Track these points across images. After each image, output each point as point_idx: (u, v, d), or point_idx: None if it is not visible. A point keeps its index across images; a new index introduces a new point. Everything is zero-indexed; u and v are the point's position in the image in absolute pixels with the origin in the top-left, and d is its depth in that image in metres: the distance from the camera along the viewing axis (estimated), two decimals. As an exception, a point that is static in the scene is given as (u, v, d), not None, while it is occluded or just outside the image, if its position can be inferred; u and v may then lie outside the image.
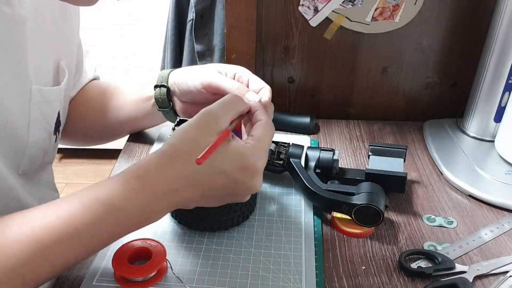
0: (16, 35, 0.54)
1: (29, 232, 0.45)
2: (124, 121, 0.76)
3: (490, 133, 0.82)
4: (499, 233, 0.63)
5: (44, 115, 0.61)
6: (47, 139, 0.63)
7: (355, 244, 0.61)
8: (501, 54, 0.76)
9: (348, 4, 0.83)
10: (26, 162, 0.60)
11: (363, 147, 0.83)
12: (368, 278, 0.56)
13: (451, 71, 0.90)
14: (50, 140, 0.64)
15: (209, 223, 0.60)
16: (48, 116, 0.62)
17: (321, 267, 0.57)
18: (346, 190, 0.63)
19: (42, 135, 0.62)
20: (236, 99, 0.55)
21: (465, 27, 0.86)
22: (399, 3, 0.83)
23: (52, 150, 0.66)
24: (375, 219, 0.60)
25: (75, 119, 0.75)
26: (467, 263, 0.58)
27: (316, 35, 0.87)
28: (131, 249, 0.55)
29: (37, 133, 0.60)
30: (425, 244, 0.61)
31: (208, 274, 0.55)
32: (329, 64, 0.90)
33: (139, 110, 0.75)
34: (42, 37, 0.59)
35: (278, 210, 0.66)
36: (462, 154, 0.78)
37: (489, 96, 0.79)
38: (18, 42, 0.54)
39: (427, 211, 0.67)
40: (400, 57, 0.89)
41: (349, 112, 0.95)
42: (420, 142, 0.85)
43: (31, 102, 0.58)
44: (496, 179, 0.72)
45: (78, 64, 0.74)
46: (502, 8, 0.73)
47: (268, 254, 0.58)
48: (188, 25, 1.16)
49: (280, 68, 0.91)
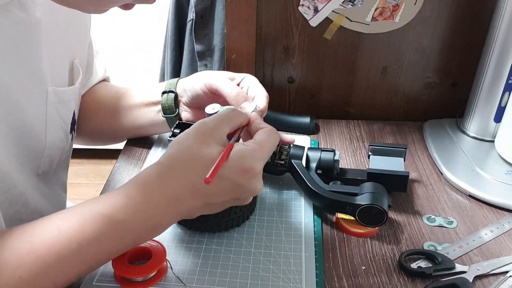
0: (31, 38, 0.54)
1: (29, 247, 0.45)
2: (128, 127, 0.77)
3: (490, 133, 0.82)
4: (499, 233, 0.63)
5: (60, 115, 0.62)
6: (64, 139, 0.64)
7: (355, 244, 0.61)
8: (501, 54, 0.76)
9: (348, 4, 0.83)
10: (46, 162, 0.61)
11: (363, 147, 0.83)
12: (368, 278, 0.56)
13: (451, 71, 0.90)
14: (67, 139, 0.65)
15: (210, 224, 0.60)
16: (65, 116, 0.63)
17: (321, 267, 0.57)
18: (349, 190, 0.63)
19: (59, 135, 0.62)
20: (232, 113, 0.55)
21: (465, 27, 0.86)
22: (399, 3, 0.83)
23: (68, 149, 0.67)
24: (379, 219, 0.60)
25: (83, 118, 0.75)
26: (467, 263, 0.58)
27: (316, 35, 0.87)
28: (131, 249, 0.55)
29: (54, 133, 0.61)
30: (425, 244, 0.61)
31: (208, 274, 0.55)
32: (329, 64, 0.90)
33: (144, 117, 0.75)
34: (57, 38, 0.59)
35: (278, 210, 0.66)
36: (462, 154, 0.78)
37: (489, 96, 0.79)
38: (33, 45, 0.55)
39: (427, 211, 0.67)
40: (400, 57, 0.89)
41: (349, 112, 0.95)
42: (420, 142, 0.85)
43: (48, 103, 0.58)
44: (496, 179, 0.72)
45: (88, 63, 0.75)
46: (502, 8, 0.73)
47: (268, 254, 0.58)
48: (188, 25, 1.16)
49: (280, 68, 0.91)
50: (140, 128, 0.77)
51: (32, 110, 0.56)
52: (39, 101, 0.57)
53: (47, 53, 0.57)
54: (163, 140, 0.81)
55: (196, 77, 0.70)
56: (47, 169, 0.62)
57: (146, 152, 0.79)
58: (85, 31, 0.70)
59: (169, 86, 0.73)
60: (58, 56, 0.61)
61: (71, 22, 0.64)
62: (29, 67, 0.55)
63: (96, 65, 0.79)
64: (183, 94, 0.72)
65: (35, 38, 0.55)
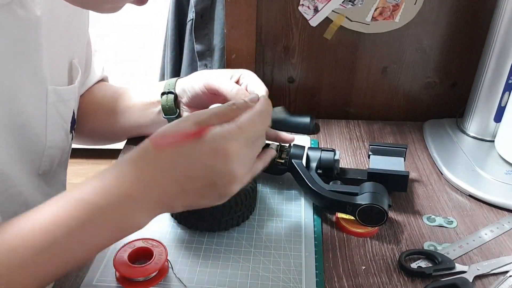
0: (31, 37, 0.54)
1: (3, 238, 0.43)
2: (128, 127, 0.76)
3: (490, 133, 0.82)
4: (499, 233, 0.63)
5: (60, 115, 0.61)
6: (65, 138, 0.64)
7: (355, 244, 0.61)
8: (501, 54, 0.76)
9: (348, 4, 0.83)
10: (46, 162, 0.61)
11: (363, 147, 0.83)
12: (368, 278, 0.56)
13: (451, 71, 0.90)
14: (67, 138, 0.65)
15: (209, 223, 0.60)
16: (65, 115, 0.63)
17: (321, 267, 0.57)
18: (349, 190, 0.63)
19: (59, 135, 0.62)
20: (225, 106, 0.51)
21: (465, 27, 0.86)
22: (399, 3, 0.83)
23: (68, 148, 0.67)
24: (379, 219, 0.60)
25: (82, 119, 0.75)
26: (467, 263, 0.58)
27: (316, 35, 0.87)
28: (133, 248, 0.55)
29: (55, 132, 0.61)
30: (425, 244, 0.61)
31: (208, 274, 0.55)
32: (329, 64, 0.90)
33: (144, 117, 0.75)
34: (56, 36, 0.59)
35: (278, 210, 0.66)
36: (462, 154, 0.78)
37: (489, 96, 0.79)
38: (33, 44, 0.54)
39: (427, 211, 0.67)
40: (400, 57, 0.89)
41: (349, 112, 0.95)
42: (420, 142, 0.85)
43: (48, 103, 0.58)
44: (496, 179, 0.72)
45: (86, 62, 0.75)
46: (502, 8, 0.73)
47: (268, 254, 0.58)
48: (188, 25, 1.16)
49: (280, 68, 0.91)
50: (140, 127, 0.76)
51: (32, 109, 0.56)
52: (39, 100, 0.57)
53: (47, 52, 0.57)
54: (163, 140, 0.81)
55: (195, 77, 0.70)
56: (48, 169, 0.62)
57: (146, 152, 0.79)
58: (83, 30, 0.70)
59: (168, 87, 0.72)
60: (58, 55, 0.61)
61: (70, 21, 0.64)
62: (29, 66, 0.54)
63: (94, 64, 0.79)
64: (183, 95, 0.71)
65: (35, 37, 0.54)
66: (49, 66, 0.58)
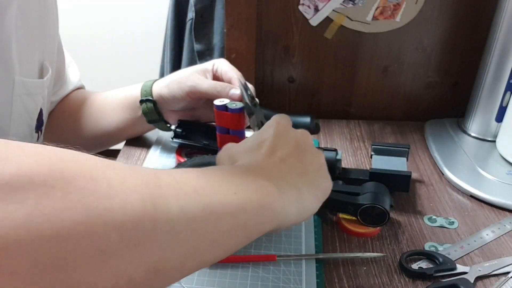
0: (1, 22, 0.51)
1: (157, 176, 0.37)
2: (112, 131, 0.76)
3: (491, 133, 0.81)
4: (500, 233, 0.63)
5: (26, 109, 0.59)
6: (29, 136, 0.61)
7: (356, 244, 0.60)
8: (503, 53, 0.75)
9: (349, 3, 0.83)
10: None
11: (364, 147, 0.83)
12: (369, 279, 0.55)
13: (453, 70, 0.90)
14: (31, 137, 0.62)
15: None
16: (31, 110, 0.60)
17: (321, 268, 0.56)
18: (350, 190, 0.63)
19: (23, 130, 0.60)
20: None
21: (467, 26, 0.85)
22: (400, 2, 0.83)
23: None
24: (381, 219, 0.60)
25: (65, 130, 0.75)
26: (468, 264, 0.58)
27: (316, 34, 0.87)
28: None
29: (19, 126, 0.58)
30: (426, 245, 0.61)
31: (208, 275, 0.55)
32: (329, 63, 0.90)
33: (126, 121, 0.75)
34: (28, 33, 0.57)
35: (278, 210, 0.65)
36: (464, 154, 0.78)
37: (490, 96, 0.79)
38: (3, 30, 0.52)
39: (428, 211, 0.67)
40: (401, 56, 0.89)
41: (349, 112, 0.95)
42: (421, 142, 0.84)
43: (14, 94, 0.56)
44: (498, 179, 0.71)
45: (59, 69, 0.73)
46: (504, 8, 0.73)
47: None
48: (188, 24, 1.16)
49: (280, 68, 0.91)
50: (125, 130, 0.76)
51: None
52: (5, 89, 0.54)
53: (17, 44, 0.54)
54: (163, 140, 0.81)
55: (174, 85, 0.70)
56: None
57: (146, 152, 0.78)
58: (53, 34, 0.68)
59: (145, 93, 0.72)
60: (28, 51, 0.58)
61: (42, 22, 0.62)
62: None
63: (70, 74, 0.78)
64: (163, 103, 0.72)
65: (3, 21, 0.51)
66: (18, 58, 0.55)
